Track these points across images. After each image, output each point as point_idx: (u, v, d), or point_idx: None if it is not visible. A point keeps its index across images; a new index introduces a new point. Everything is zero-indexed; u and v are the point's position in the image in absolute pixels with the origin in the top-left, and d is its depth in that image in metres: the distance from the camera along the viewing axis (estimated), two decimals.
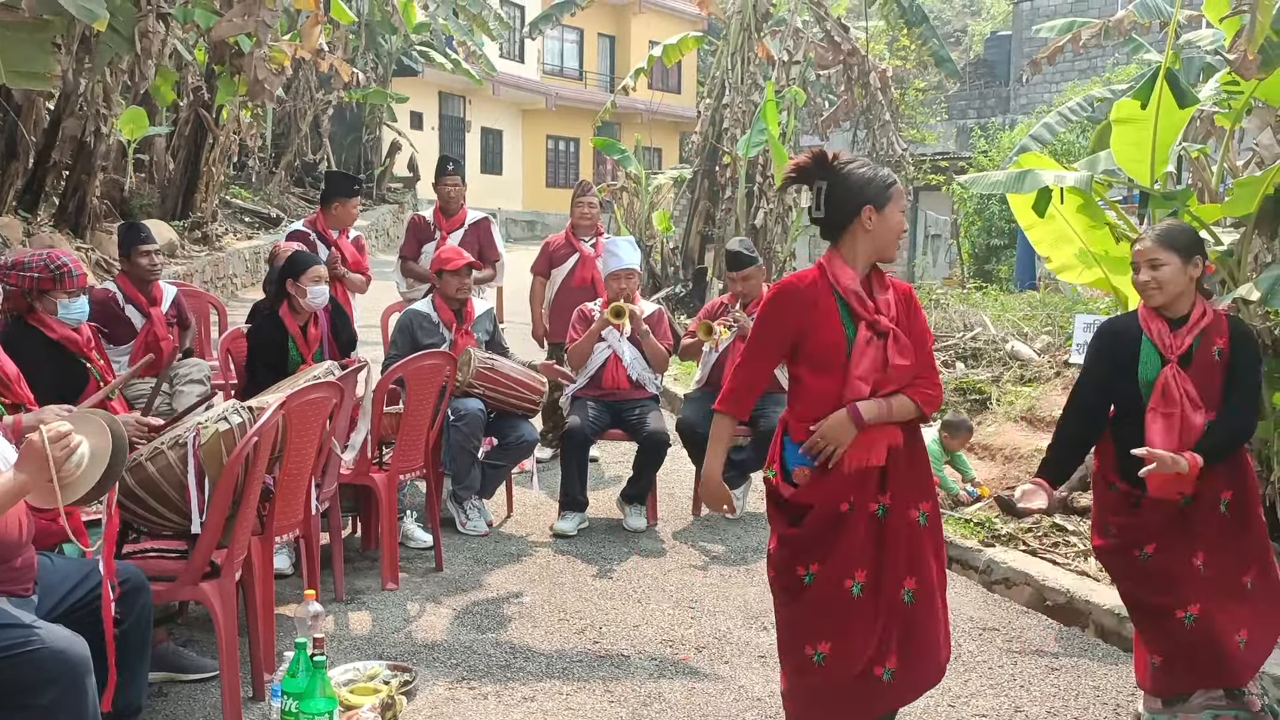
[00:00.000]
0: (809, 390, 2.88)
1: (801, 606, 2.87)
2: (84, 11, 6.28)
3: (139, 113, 11.38)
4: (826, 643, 2.82)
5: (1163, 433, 3.13)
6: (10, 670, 2.47)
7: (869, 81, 13.34)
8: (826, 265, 2.91)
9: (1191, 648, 3.19)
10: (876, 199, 2.85)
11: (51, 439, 2.41)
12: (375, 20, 20.28)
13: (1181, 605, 3.18)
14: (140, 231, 5.69)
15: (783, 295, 2.90)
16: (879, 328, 2.86)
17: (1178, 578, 3.21)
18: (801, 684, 2.89)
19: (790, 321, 2.87)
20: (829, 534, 2.83)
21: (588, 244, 6.74)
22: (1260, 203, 4.31)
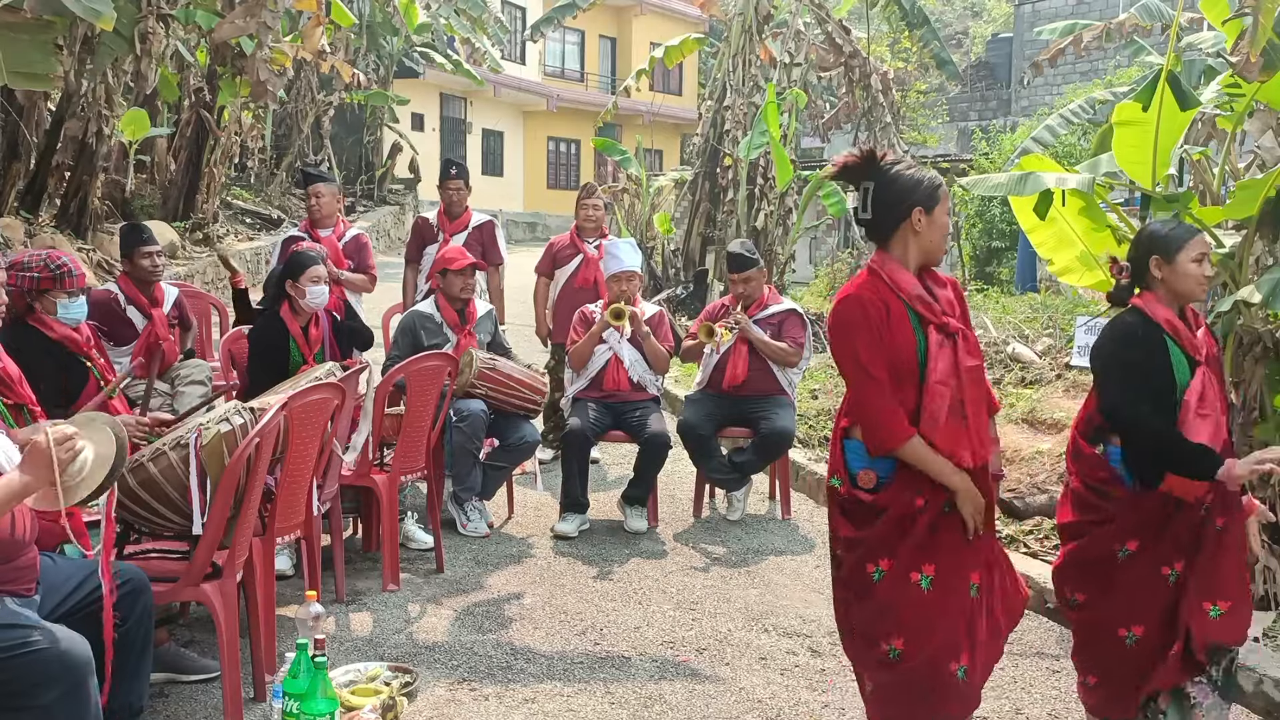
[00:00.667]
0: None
1: (873, 604, 2.81)
2: (89, 11, 6.28)
3: (140, 114, 11.39)
4: (900, 638, 2.77)
5: (1211, 436, 2.96)
6: (12, 670, 2.47)
7: (870, 84, 13.32)
8: (880, 269, 2.82)
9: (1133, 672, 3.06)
10: (926, 201, 2.79)
11: (56, 441, 2.42)
12: (376, 21, 20.28)
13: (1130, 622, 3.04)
14: (142, 233, 5.69)
15: (858, 304, 2.78)
16: (949, 329, 2.80)
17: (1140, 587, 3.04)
18: (883, 681, 2.83)
19: (878, 320, 2.74)
20: (899, 531, 2.78)
21: (591, 245, 6.74)
22: (1262, 205, 4.31)
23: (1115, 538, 3.06)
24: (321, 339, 4.87)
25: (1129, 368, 3.04)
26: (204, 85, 12.56)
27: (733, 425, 5.82)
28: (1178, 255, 3.04)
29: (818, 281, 15.37)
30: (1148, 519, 3.03)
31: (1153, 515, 3.03)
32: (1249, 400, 4.45)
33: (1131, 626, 3.04)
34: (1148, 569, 3.03)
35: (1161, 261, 3.06)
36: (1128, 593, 3.04)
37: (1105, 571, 3.08)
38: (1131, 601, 3.04)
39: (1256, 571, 4.39)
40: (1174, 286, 3.06)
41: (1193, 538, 3.03)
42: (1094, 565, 3.11)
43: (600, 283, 6.60)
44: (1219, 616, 2.99)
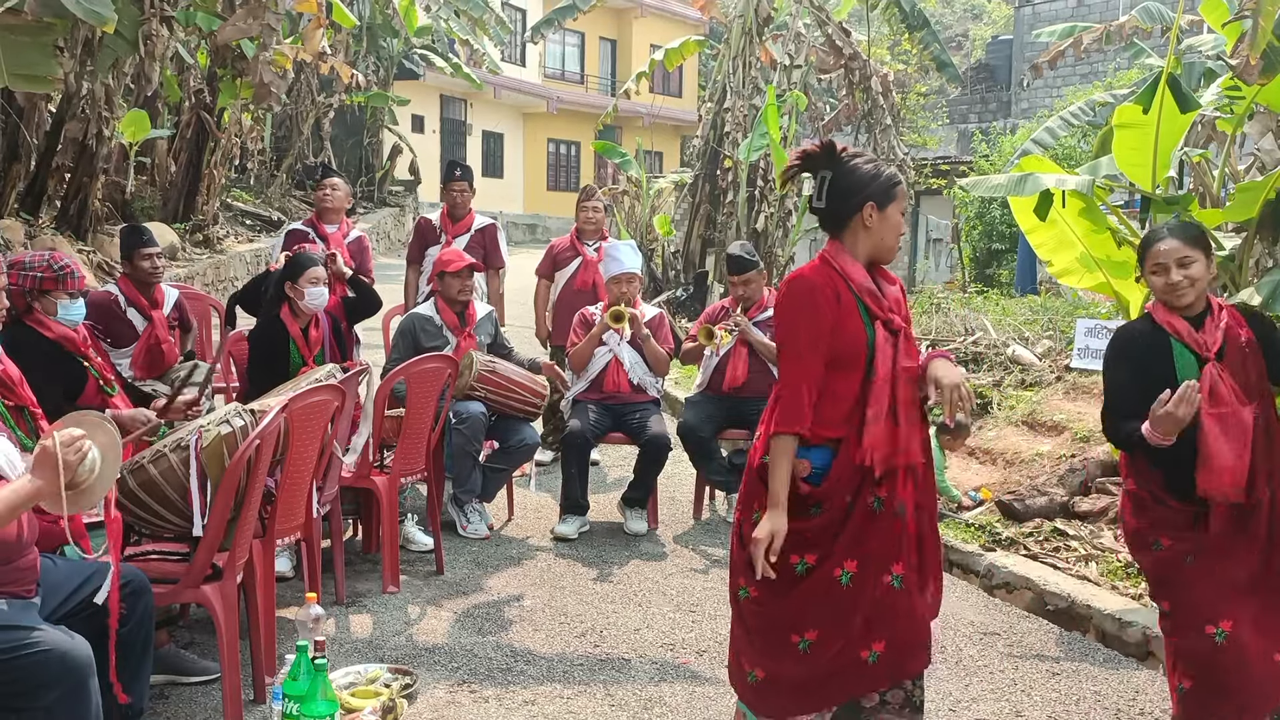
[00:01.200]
0: (827, 391, 2.75)
1: (792, 598, 2.79)
2: (91, 14, 6.28)
3: (141, 116, 11.39)
4: (814, 630, 2.78)
5: (1222, 434, 2.94)
6: (12, 672, 2.47)
7: (870, 86, 13.32)
8: (833, 259, 2.81)
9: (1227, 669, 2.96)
10: (880, 197, 2.78)
11: (64, 443, 2.42)
12: (376, 23, 20.29)
13: (1216, 618, 2.97)
14: (142, 234, 5.69)
15: (808, 286, 2.76)
16: (893, 326, 2.81)
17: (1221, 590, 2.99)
18: (781, 673, 2.81)
19: (827, 308, 2.73)
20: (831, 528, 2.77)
21: (591, 248, 6.76)
22: (1262, 207, 4.31)
23: (1181, 551, 3.05)
24: (322, 341, 4.87)
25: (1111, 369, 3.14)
26: (204, 87, 12.56)
27: (733, 427, 5.82)
28: (1143, 271, 3.12)
29: None
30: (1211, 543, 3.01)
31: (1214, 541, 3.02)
32: None
33: (1220, 622, 2.97)
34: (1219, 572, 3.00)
35: (1140, 273, 3.15)
36: (1211, 593, 2.99)
37: (1182, 579, 3.06)
38: (1215, 600, 2.98)
39: None
40: (1154, 291, 3.12)
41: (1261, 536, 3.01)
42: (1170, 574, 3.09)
43: (599, 284, 6.61)
44: None
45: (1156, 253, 3.05)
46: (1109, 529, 5.20)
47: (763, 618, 2.84)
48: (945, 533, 5.38)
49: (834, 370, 2.75)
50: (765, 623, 2.83)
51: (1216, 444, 2.95)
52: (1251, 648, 2.95)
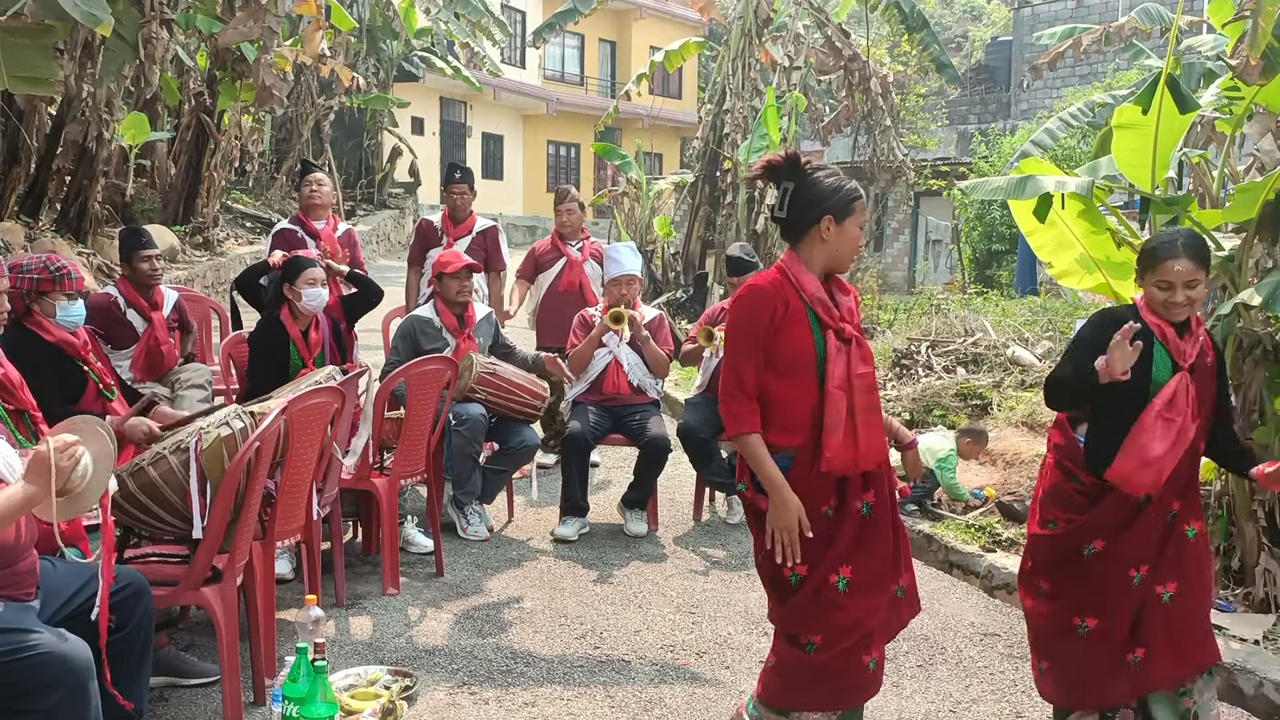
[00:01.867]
0: (778, 396, 2.86)
1: (794, 606, 2.90)
2: (88, 16, 6.28)
3: (140, 118, 11.39)
4: (819, 635, 2.87)
5: (1163, 438, 3.02)
6: (12, 674, 2.47)
7: (870, 87, 13.34)
8: (788, 268, 2.92)
9: (1082, 657, 3.13)
10: (838, 211, 2.88)
11: (58, 449, 2.42)
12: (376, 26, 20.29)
13: (1084, 613, 3.12)
14: (141, 236, 5.69)
15: (755, 295, 2.89)
16: (844, 335, 2.89)
17: (1106, 583, 3.11)
18: (790, 658, 2.93)
19: (765, 319, 2.85)
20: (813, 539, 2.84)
21: (574, 248, 6.76)
22: (1261, 208, 4.31)
23: (1081, 536, 3.13)
24: (321, 343, 4.87)
25: (1084, 343, 3.13)
26: (204, 89, 12.57)
27: None
28: (1145, 277, 3.13)
29: None
30: (1107, 519, 3.10)
31: (1110, 516, 3.10)
32: (1249, 403, 4.45)
33: (1086, 618, 3.11)
34: (1112, 568, 3.09)
35: (1141, 277, 3.16)
36: (1090, 587, 3.12)
37: (1070, 565, 3.15)
38: (1091, 595, 3.11)
39: (1257, 574, 4.40)
40: (1151, 300, 3.12)
41: (1158, 541, 3.10)
42: (1059, 559, 3.18)
43: (584, 285, 6.64)
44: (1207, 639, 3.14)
45: (1169, 270, 3.03)
46: None
47: (777, 619, 2.96)
48: (945, 534, 5.38)
49: (785, 378, 2.85)
50: (780, 623, 2.96)
51: (1150, 441, 3.02)
52: (1111, 647, 3.08)
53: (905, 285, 18.84)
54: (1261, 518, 4.44)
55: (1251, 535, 4.46)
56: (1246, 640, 4.03)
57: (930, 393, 7.21)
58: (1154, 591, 3.10)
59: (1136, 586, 3.09)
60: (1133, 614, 3.10)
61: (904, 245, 20.69)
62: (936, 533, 5.37)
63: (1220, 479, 4.66)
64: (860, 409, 2.86)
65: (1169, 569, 3.11)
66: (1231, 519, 4.57)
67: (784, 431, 2.86)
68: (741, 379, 2.86)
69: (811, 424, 2.84)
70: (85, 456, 2.52)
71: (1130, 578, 3.08)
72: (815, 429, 2.83)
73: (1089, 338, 3.13)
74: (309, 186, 6.28)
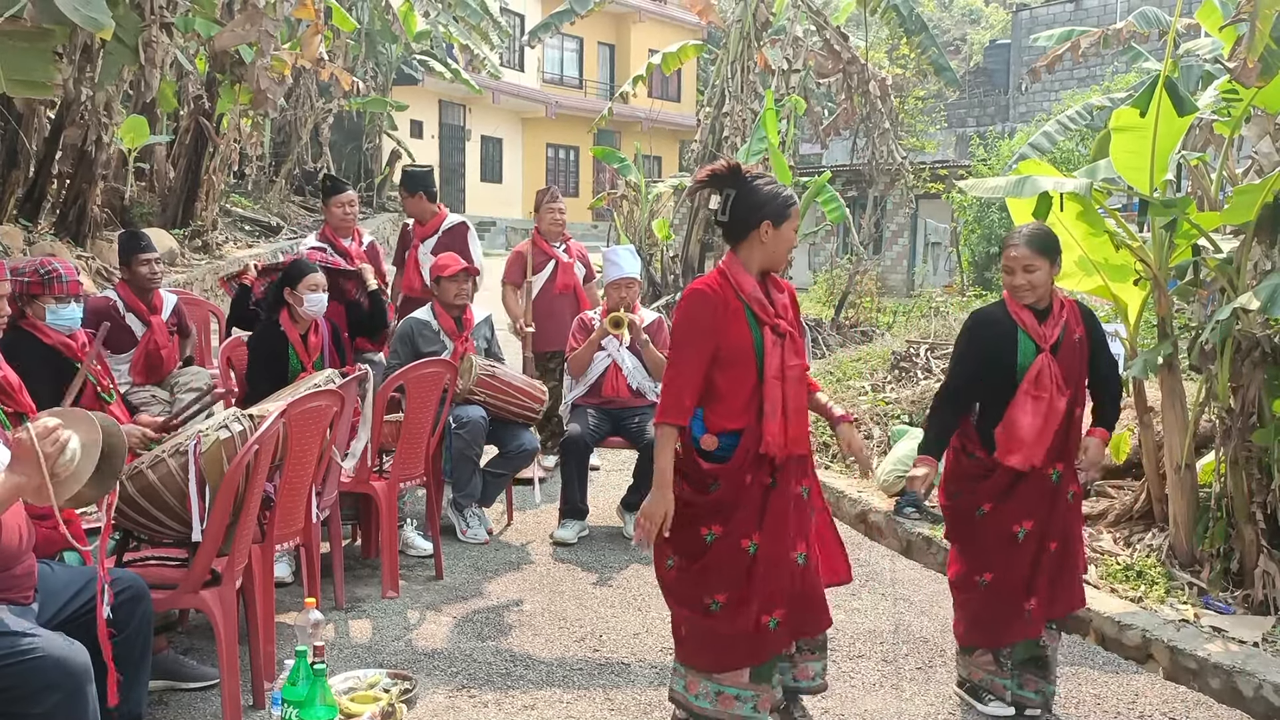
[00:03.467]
0: (722, 385, 3.13)
1: (704, 564, 3.14)
2: (89, 21, 6.29)
3: (140, 121, 11.40)
4: (723, 594, 3.12)
5: (1034, 414, 3.47)
6: (10, 678, 2.47)
7: (869, 90, 13.34)
8: (728, 270, 3.18)
9: (983, 608, 3.62)
10: (775, 216, 3.14)
11: (39, 435, 2.40)
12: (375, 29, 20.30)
13: (982, 570, 3.60)
14: (140, 240, 5.68)
15: (701, 298, 3.14)
16: (779, 330, 3.16)
17: (996, 540, 3.57)
18: (700, 626, 3.17)
19: (708, 322, 3.11)
20: (732, 501, 3.13)
21: (560, 249, 6.71)
22: (1259, 210, 4.32)
23: (975, 501, 3.60)
24: (321, 346, 4.87)
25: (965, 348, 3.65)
26: (203, 93, 12.57)
27: None
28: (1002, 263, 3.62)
29: (816, 287, 15.39)
30: (997, 485, 3.56)
31: (1000, 482, 3.55)
32: (1247, 405, 4.46)
33: (984, 574, 3.60)
34: (999, 526, 3.56)
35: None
36: (983, 545, 3.61)
37: (969, 529, 3.64)
38: (985, 552, 3.60)
39: (1256, 576, 4.40)
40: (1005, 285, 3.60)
41: (1043, 502, 3.56)
42: (961, 524, 3.67)
43: (578, 287, 6.62)
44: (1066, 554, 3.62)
45: (1007, 255, 3.55)
46: (1108, 532, 5.20)
47: (681, 582, 3.20)
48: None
49: (727, 369, 3.12)
50: (684, 586, 3.20)
51: (1022, 416, 3.48)
52: (1007, 595, 3.57)
53: (904, 288, 18.85)
54: (1260, 520, 4.44)
55: (1250, 537, 4.46)
56: (1245, 642, 4.04)
57: (929, 395, 7.21)
58: (1047, 549, 3.58)
59: (1023, 542, 3.56)
60: (1026, 569, 3.56)
61: (903, 248, 20.72)
62: (936, 535, 5.37)
63: (1220, 482, 4.66)
64: (791, 398, 3.16)
65: (1057, 529, 3.59)
66: (1230, 521, 4.57)
67: (727, 417, 3.13)
68: (681, 372, 3.11)
69: (752, 410, 3.12)
70: (73, 441, 2.48)
71: (1015, 533, 3.55)
72: (755, 415, 3.12)
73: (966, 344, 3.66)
74: (342, 208, 6.24)
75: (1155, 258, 4.68)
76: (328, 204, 6.31)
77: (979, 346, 3.61)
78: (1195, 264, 4.76)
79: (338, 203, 6.25)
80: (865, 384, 8.16)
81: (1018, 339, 3.53)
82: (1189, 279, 4.86)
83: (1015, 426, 3.48)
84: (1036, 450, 3.48)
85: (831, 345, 11.10)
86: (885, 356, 8.37)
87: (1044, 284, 3.52)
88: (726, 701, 3.17)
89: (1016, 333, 3.54)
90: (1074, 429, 3.59)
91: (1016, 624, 3.59)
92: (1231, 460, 4.52)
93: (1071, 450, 3.60)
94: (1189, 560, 4.72)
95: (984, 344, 3.59)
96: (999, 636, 3.64)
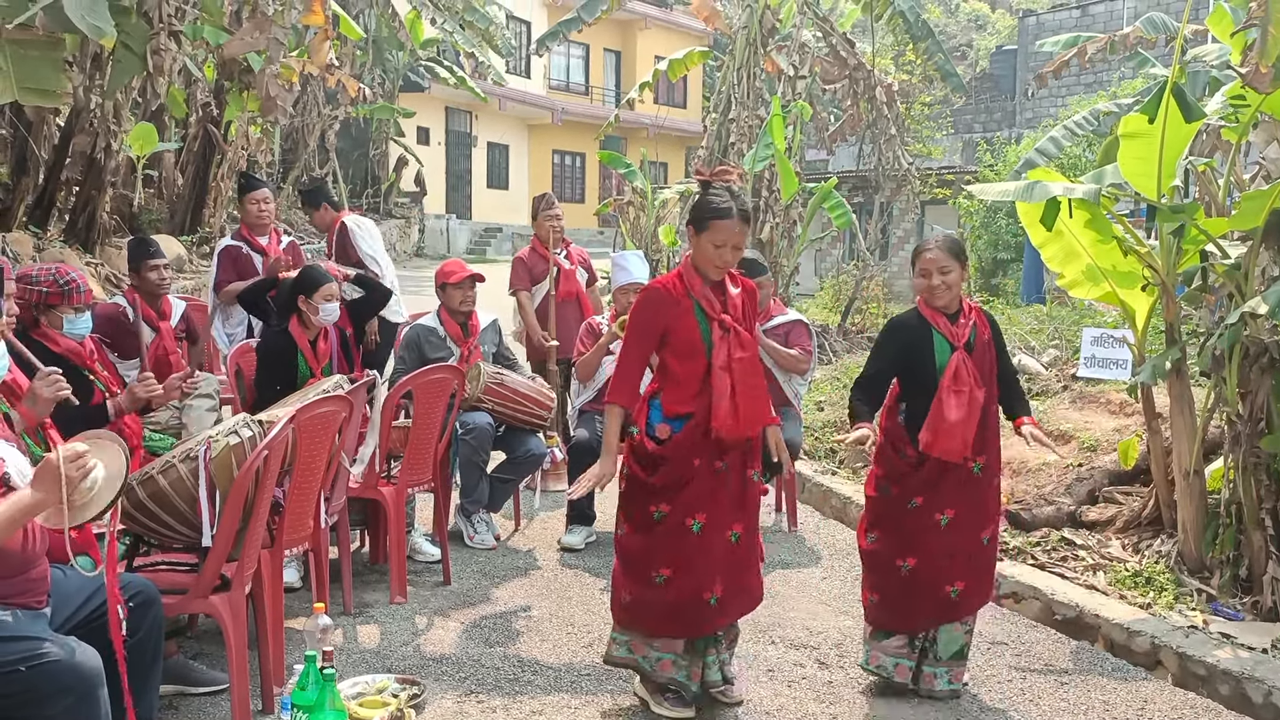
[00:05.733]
0: (676, 374, 3.51)
1: (652, 538, 3.50)
2: (92, 29, 6.32)
3: (148, 129, 11.45)
4: (669, 568, 3.47)
5: (957, 407, 3.70)
6: (23, 682, 2.48)
7: (875, 96, 13.33)
8: (684, 269, 3.54)
9: (903, 593, 3.80)
10: (697, 223, 3.50)
11: (68, 459, 2.43)
12: (382, 36, 20.37)
13: (906, 555, 3.79)
14: (149, 246, 5.70)
15: (650, 297, 3.53)
16: (725, 325, 3.48)
17: (920, 529, 3.78)
18: (644, 597, 3.51)
19: (657, 319, 3.49)
20: (678, 482, 3.47)
21: (561, 256, 6.70)
22: (1267, 216, 4.31)
23: (907, 494, 3.80)
24: (330, 353, 4.88)
25: (881, 347, 3.94)
26: (211, 100, 12.63)
27: None
28: (914, 266, 3.87)
29: (823, 293, 15.39)
30: (927, 478, 3.77)
31: (930, 475, 3.77)
32: (1256, 411, 4.45)
33: (907, 559, 3.79)
34: (926, 516, 3.78)
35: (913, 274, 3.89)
36: (909, 532, 3.80)
37: (897, 518, 3.83)
38: (910, 538, 3.80)
39: (1265, 583, 4.39)
40: (917, 289, 3.85)
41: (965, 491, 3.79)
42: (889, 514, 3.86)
43: (581, 293, 6.63)
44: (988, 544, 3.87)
45: (924, 259, 3.80)
46: (1117, 538, 5.19)
47: (631, 552, 3.56)
48: None
49: (681, 360, 3.49)
50: (632, 556, 3.56)
51: (948, 412, 3.69)
52: (925, 579, 3.78)
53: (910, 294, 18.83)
54: (1269, 526, 4.43)
55: (1259, 544, 4.45)
56: (1255, 649, 4.02)
57: None
58: (976, 537, 3.82)
59: (945, 529, 3.77)
60: (948, 553, 3.77)
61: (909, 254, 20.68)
62: None
63: (1229, 488, 4.65)
64: (741, 386, 3.45)
65: (986, 518, 3.84)
66: (1239, 527, 4.56)
67: (679, 402, 3.50)
68: (630, 360, 3.53)
69: (703, 397, 3.46)
70: (97, 470, 2.51)
71: (938, 521, 3.77)
72: (704, 401, 3.45)
73: (883, 344, 3.95)
74: (257, 205, 6.25)
75: (1163, 264, 4.68)
76: (242, 201, 6.32)
77: (894, 347, 3.88)
78: (1203, 270, 4.76)
79: (252, 200, 6.28)
80: None
81: (933, 340, 3.78)
82: (1197, 285, 4.85)
83: (940, 420, 3.70)
84: (961, 441, 3.70)
85: (838, 351, 11.09)
86: None
87: (956, 285, 3.80)
88: (665, 666, 3.56)
89: (932, 334, 3.79)
90: (991, 422, 3.84)
91: (930, 607, 3.80)
92: (1240, 466, 4.51)
93: (991, 443, 3.84)
94: (1198, 566, 4.71)
95: (899, 346, 3.85)
96: (914, 619, 3.83)
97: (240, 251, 6.15)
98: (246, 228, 6.31)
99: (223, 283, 6.24)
